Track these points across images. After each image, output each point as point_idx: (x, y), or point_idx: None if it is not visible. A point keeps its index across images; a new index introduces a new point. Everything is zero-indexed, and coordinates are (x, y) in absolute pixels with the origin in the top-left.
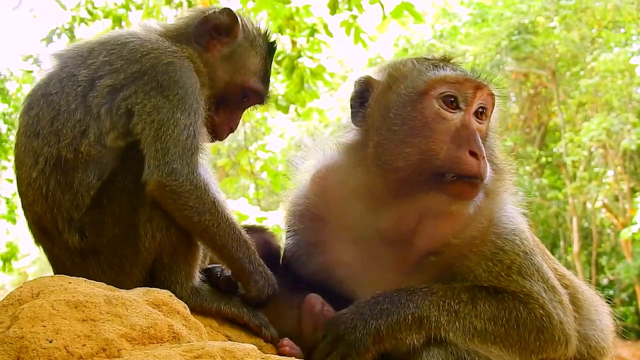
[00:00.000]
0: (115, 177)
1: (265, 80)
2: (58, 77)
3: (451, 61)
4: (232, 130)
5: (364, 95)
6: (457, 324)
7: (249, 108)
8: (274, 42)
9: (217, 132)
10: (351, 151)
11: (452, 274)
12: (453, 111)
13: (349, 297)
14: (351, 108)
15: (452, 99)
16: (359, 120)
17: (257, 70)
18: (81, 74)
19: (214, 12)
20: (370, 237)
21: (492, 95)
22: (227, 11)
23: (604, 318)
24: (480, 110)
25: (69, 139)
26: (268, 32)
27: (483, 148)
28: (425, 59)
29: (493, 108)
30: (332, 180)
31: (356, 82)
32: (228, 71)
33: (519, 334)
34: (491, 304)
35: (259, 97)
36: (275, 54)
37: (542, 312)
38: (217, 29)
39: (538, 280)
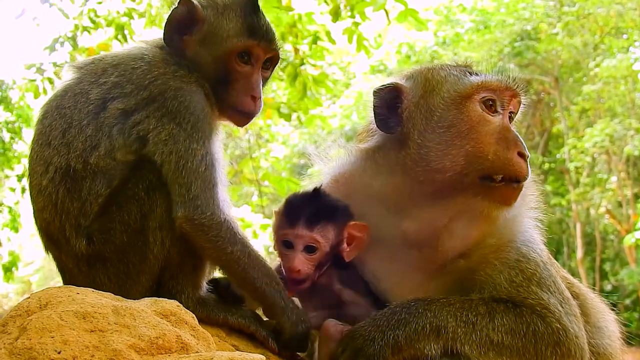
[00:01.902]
0: (125, 185)
1: (254, 33)
2: (73, 92)
3: (473, 67)
4: (255, 98)
5: (393, 102)
6: (473, 336)
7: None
8: None
9: (243, 108)
10: (374, 155)
11: (472, 281)
12: (493, 114)
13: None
14: (378, 115)
15: (492, 103)
16: (390, 126)
17: (238, 31)
18: (93, 93)
19: (172, 9)
20: (394, 239)
21: (520, 102)
22: (183, 1)
23: (610, 325)
24: (510, 114)
25: (79, 151)
26: None
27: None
28: (451, 65)
29: (517, 114)
30: (355, 182)
31: (380, 89)
32: (208, 52)
33: (536, 348)
34: (509, 317)
35: (259, 51)
36: (257, 5)
37: (558, 325)
38: (182, 23)
39: (554, 292)
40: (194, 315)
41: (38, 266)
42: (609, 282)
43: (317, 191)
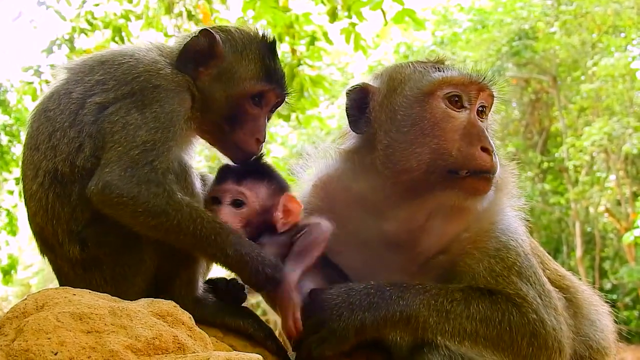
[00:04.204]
0: None
1: (270, 78)
2: (58, 93)
3: (446, 62)
4: (259, 141)
5: (362, 102)
6: (446, 325)
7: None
8: (273, 41)
9: (246, 148)
10: (353, 157)
11: (454, 273)
12: (458, 110)
13: None
14: (350, 117)
15: (457, 99)
16: (361, 127)
17: (254, 75)
18: (76, 91)
19: (192, 38)
20: (376, 241)
21: (492, 96)
22: (204, 33)
23: (603, 318)
24: (481, 108)
25: (64, 154)
26: (264, 34)
27: (493, 144)
28: (422, 61)
29: (491, 107)
30: (335, 186)
31: (351, 90)
32: (223, 89)
33: (511, 337)
34: (484, 304)
35: (271, 96)
36: (275, 49)
37: (535, 317)
38: (200, 54)
39: (534, 284)
40: (190, 316)
41: (37, 269)
42: (609, 280)
43: (256, 157)
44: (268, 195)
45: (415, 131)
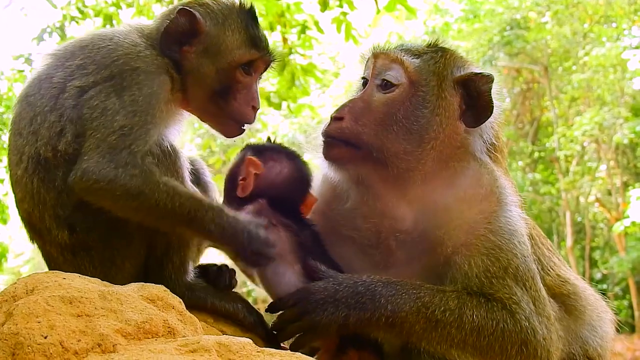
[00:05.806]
0: None
1: (257, 45)
2: (39, 78)
3: None
4: (255, 108)
5: None
6: (433, 333)
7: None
8: (251, 7)
9: (243, 118)
10: None
11: (448, 266)
12: None
13: None
14: None
15: None
16: None
17: (241, 44)
18: (57, 76)
19: (171, 20)
20: (363, 234)
21: None
22: (182, 12)
23: (605, 325)
24: None
25: (46, 139)
26: (241, 1)
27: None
28: None
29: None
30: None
31: None
32: (211, 63)
33: (502, 346)
34: (479, 313)
35: (260, 63)
36: (256, 15)
37: (527, 324)
38: (182, 35)
39: (530, 289)
40: (181, 300)
41: (28, 257)
42: (599, 270)
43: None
44: (237, 162)
45: None
